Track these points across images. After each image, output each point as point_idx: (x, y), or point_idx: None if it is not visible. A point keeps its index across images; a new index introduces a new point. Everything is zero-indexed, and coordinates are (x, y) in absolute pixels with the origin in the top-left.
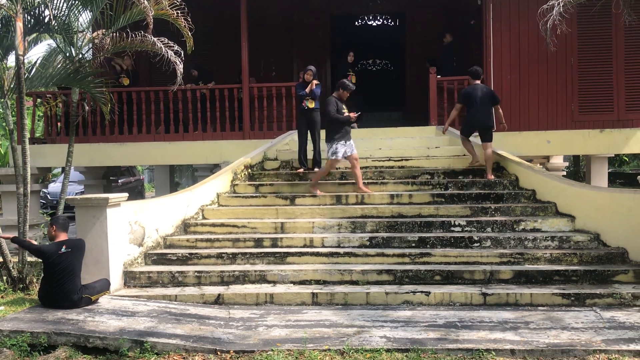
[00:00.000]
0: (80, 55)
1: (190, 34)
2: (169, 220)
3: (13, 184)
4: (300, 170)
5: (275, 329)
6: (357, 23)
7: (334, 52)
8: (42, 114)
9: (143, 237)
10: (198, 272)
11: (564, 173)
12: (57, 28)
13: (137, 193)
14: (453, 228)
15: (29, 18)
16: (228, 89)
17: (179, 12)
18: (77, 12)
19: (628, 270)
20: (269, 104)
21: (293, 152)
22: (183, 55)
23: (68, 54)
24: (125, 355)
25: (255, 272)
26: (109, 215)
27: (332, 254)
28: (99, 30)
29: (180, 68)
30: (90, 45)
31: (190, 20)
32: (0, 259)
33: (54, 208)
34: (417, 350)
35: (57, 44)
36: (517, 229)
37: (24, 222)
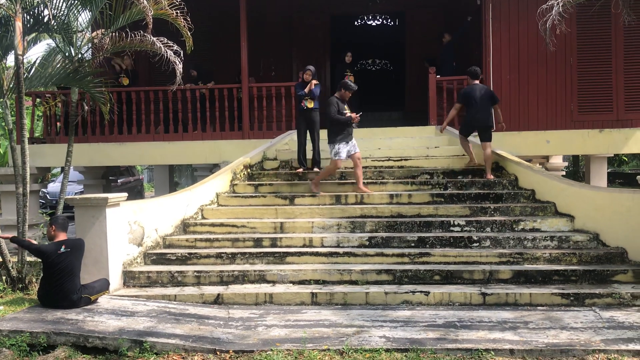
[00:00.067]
0: (80, 55)
1: (190, 34)
2: (169, 220)
3: (12, 184)
4: (300, 170)
5: (275, 329)
6: (356, 23)
7: (334, 52)
8: (41, 114)
9: (142, 236)
10: (197, 272)
11: (563, 173)
12: (56, 28)
13: (136, 193)
14: (452, 228)
15: (28, 18)
16: (227, 89)
17: (179, 12)
18: (76, 11)
19: (627, 270)
20: (269, 104)
21: (292, 151)
22: (182, 55)
23: (67, 54)
24: (125, 355)
25: (255, 272)
26: (108, 215)
27: (331, 254)
28: (98, 30)
29: (180, 68)
30: (90, 45)
31: (190, 20)
32: (0, 259)
33: (54, 208)
34: (416, 350)
35: (56, 44)
36: (516, 229)
37: (23, 222)
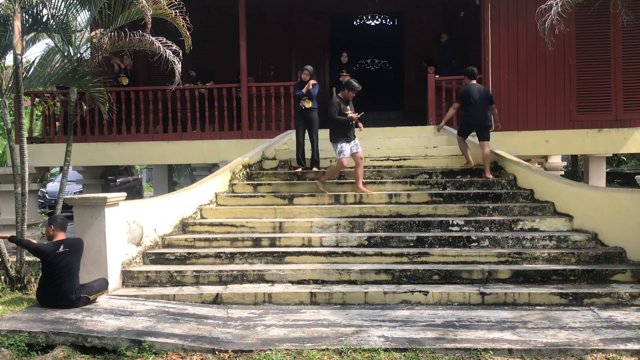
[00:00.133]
0: (79, 55)
1: (189, 34)
2: (167, 220)
3: (11, 184)
4: (299, 170)
5: (274, 329)
6: (355, 23)
7: (333, 51)
8: (40, 114)
9: (141, 236)
10: (196, 271)
11: (562, 173)
12: (55, 27)
13: (135, 192)
14: (451, 228)
15: (27, 17)
16: (226, 89)
17: (177, 11)
18: (75, 11)
19: (626, 270)
20: (268, 104)
21: (291, 151)
22: (181, 55)
23: (66, 53)
24: (124, 355)
25: (254, 271)
26: (107, 215)
27: (330, 254)
28: (97, 30)
29: (179, 67)
30: (89, 45)
31: (189, 20)
32: None
33: (52, 207)
34: (415, 350)
35: (55, 43)
36: (515, 229)
37: (22, 221)
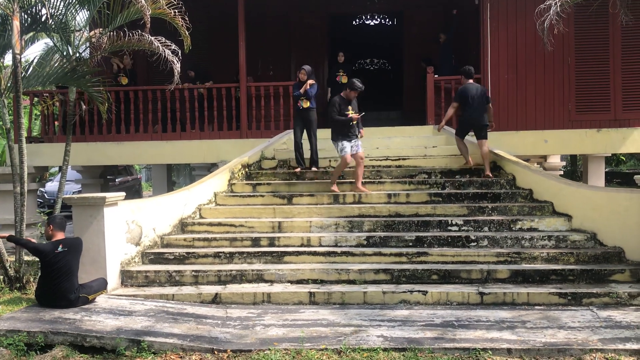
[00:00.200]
0: (78, 54)
1: (188, 33)
2: (167, 220)
3: (10, 183)
4: (298, 170)
5: (273, 328)
6: (355, 22)
7: (332, 51)
8: (39, 113)
9: (140, 236)
10: (195, 271)
11: (561, 172)
12: (54, 27)
13: (134, 192)
14: (450, 227)
15: (26, 17)
16: (225, 88)
17: (176, 11)
18: (74, 11)
19: (625, 270)
20: (267, 103)
21: (290, 151)
22: (180, 55)
23: (65, 53)
24: (122, 355)
25: (253, 271)
26: (106, 215)
27: (329, 253)
28: (96, 29)
29: (178, 67)
30: (88, 44)
31: (188, 19)
32: None
33: (51, 207)
34: (414, 350)
35: (54, 43)
36: (514, 229)
37: (21, 221)
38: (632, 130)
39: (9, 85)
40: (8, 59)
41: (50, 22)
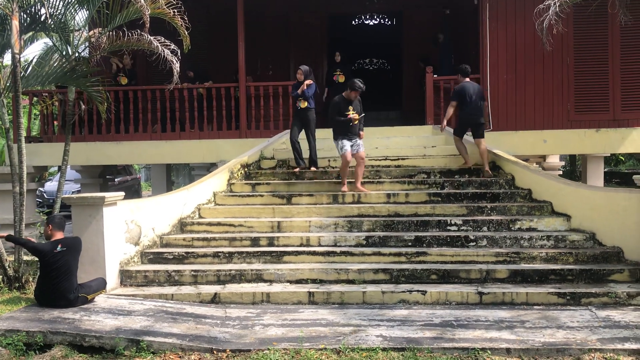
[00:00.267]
0: (77, 54)
1: (187, 33)
2: (166, 219)
3: (9, 183)
4: (297, 170)
5: (272, 328)
6: (354, 22)
7: (332, 51)
8: (38, 113)
9: (139, 236)
10: (194, 271)
11: (560, 172)
12: (53, 26)
13: (133, 192)
14: (449, 227)
15: (25, 16)
16: (225, 88)
17: (176, 11)
18: (73, 10)
19: (623, 270)
20: (266, 103)
21: (289, 151)
22: (180, 54)
23: (64, 53)
24: (122, 354)
25: (252, 271)
26: (105, 214)
27: (328, 253)
28: (96, 29)
29: (177, 67)
30: (87, 44)
31: (187, 19)
32: None
33: (50, 207)
34: (413, 349)
35: (53, 43)
36: (513, 228)
37: (20, 221)
38: (630, 130)
39: (8, 85)
40: (7, 59)
41: (50, 21)
